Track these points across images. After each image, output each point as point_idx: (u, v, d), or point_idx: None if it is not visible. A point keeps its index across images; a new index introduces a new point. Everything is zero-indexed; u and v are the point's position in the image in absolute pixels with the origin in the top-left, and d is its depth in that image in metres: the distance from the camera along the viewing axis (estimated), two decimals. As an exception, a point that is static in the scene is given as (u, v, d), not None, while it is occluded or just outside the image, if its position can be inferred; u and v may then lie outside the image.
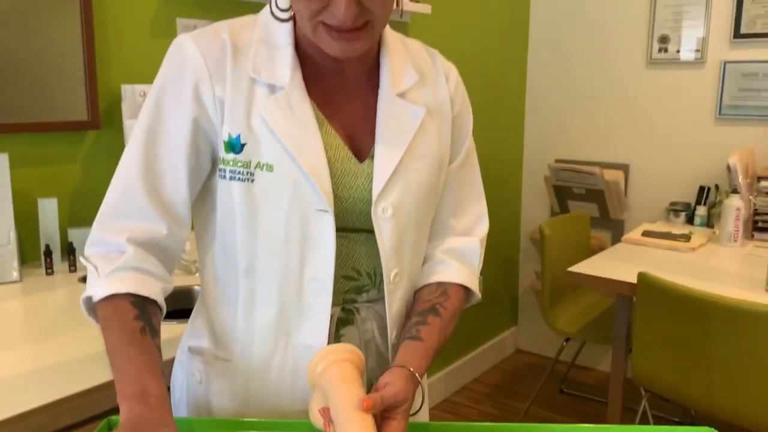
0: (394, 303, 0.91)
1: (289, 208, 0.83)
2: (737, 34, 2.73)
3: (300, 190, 0.82)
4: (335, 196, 0.85)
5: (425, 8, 2.45)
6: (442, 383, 3.05)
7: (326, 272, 0.85)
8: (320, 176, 0.83)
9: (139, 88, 1.68)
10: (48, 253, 1.50)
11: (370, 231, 0.88)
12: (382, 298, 0.91)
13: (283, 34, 0.86)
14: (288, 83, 0.84)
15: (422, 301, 0.93)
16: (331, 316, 0.88)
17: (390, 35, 0.93)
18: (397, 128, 0.88)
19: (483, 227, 1.02)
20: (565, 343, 2.73)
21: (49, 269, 1.51)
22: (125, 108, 1.66)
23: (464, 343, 3.22)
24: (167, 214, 0.84)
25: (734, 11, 2.72)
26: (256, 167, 0.83)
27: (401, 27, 2.54)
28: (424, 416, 0.97)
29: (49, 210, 1.54)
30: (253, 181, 0.83)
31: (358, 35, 0.79)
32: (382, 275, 0.89)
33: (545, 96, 3.32)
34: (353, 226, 0.88)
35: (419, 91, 0.92)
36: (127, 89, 1.67)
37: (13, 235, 1.44)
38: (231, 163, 0.84)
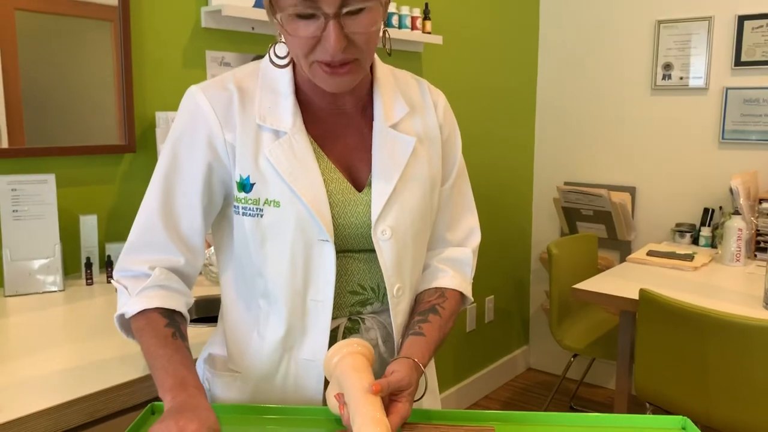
0: (398, 315, 1.00)
1: (294, 238, 0.93)
2: (738, 61, 2.84)
3: (304, 222, 0.93)
4: (338, 225, 0.95)
5: (437, 39, 2.59)
6: (455, 399, 3.13)
7: (326, 294, 0.95)
8: (321, 210, 0.93)
9: (172, 115, 1.82)
10: (88, 265, 1.64)
11: (373, 250, 0.98)
12: (386, 310, 1.01)
13: (284, 80, 0.96)
14: (290, 128, 0.94)
15: (423, 303, 1.04)
16: (338, 326, 0.98)
17: (381, 70, 1.02)
18: (391, 157, 0.98)
19: (475, 239, 1.12)
20: (572, 359, 2.81)
21: (89, 280, 1.65)
22: (159, 133, 1.80)
23: (476, 361, 3.30)
24: (184, 246, 0.96)
25: (734, 40, 2.84)
26: (264, 204, 0.93)
27: (415, 56, 2.68)
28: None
29: (89, 226, 1.68)
30: (262, 216, 0.93)
31: (348, 69, 0.88)
32: (385, 289, 0.99)
33: (554, 121, 3.44)
34: (357, 248, 0.98)
35: (410, 120, 1.02)
36: (160, 116, 1.82)
37: (58, 248, 1.58)
38: (243, 200, 0.94)
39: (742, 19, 2.81)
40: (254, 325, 0.99)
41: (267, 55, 0.98)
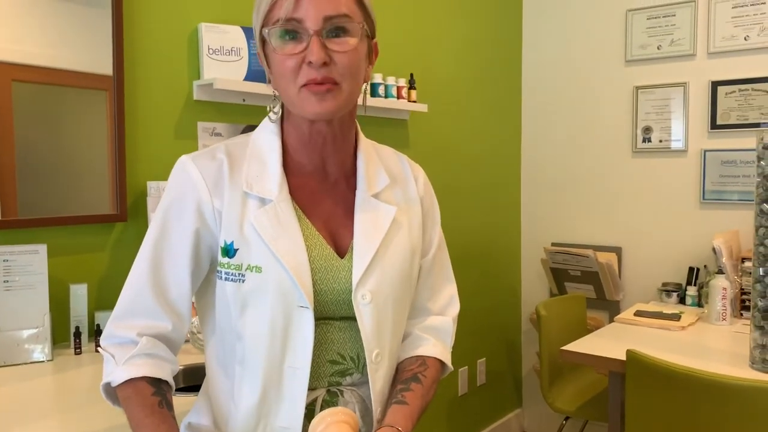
0: (377, 381, 1.01)
1: (274, 304, 0.95)
2: (714, 125, 2.94)
3: (284, 288, 0.95)
4: (319, 290, 0.97)
5: (422, 107, 2.68)
6: (448, 465, 3.08)
7: (304, 362, 0.96)
8: (302, 276, 0.95)
9: (163, 184, 1.87)
10: (77, 334, 1.64)
11: (353, 318, 1.00)
12: (365, 382, 1.02)
13: (272, 149, 1.02)
14: (276, 196, 0.98)
15: (405, 371, 1.06)
16: (316, 398, 0.99)
17: (364, 143, 1.09)
18: (373, 225, 1.02)
19: (455, 308, 1.15)
20: (564, 422, 2.79)
21: (78, 349, 1.65)
22: (150, 202, 1.84)
23: (469, 425, 3.26)
24: (172, 312, 0.99)
25: (710, 104, 2.94)
26: (246, 269, 0.96)
27: (401, 124, 2.77)
28: None
29: (79, 295, 1.70)
30: (243, 281, 0.96)
31: (329, 89, 0.93)
32: (365, 359, 1.00)
33: (539, 183, 3.51)
34: (338, 315, 1.00)
35: (391, 191, 1.07)
36: (152, 185, 1.86)
37: (47, 318, 1.59)
38: (226, 266, 0.97)
39: (715, 85, 2.92)
40: (233, 391, 1.00)
41: (258, 127, 1.03)
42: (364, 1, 0.98)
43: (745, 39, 2.85)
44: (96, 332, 1.70)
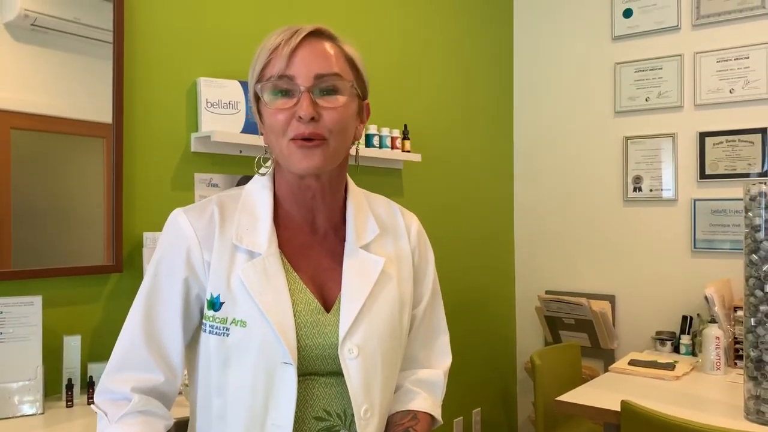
0: None
1: (257, 359, 0.95)
2: (702, 174, 2.99)
3: (268, 344, 0.95)
4: (304, 346, 0.97)
5: (416, 157, 2.72)
6: None
7: (287, 419, 0.95)
8: (286, 333, 0.96)
9: (159, 235, 1.88)
10: (69, 386, 1.63)
11: (339, 374, 0.99)
12: None
13: (264, 203, 1.04)
14: (265, 250, 1.00)
15: (396, 425, 1.05)
16: None
17: (354, 192, 1.10)
18: (361, 277, 1.03)
19: (447, 360, 1.16)
20: (561, 474, 2.75)
21: (70, 401, 1.63)
22: (146, 253, 1.85)
23: (465, 477, 3.21)
24: (164, 364, 0.99)
25: (698, 154, 3.00)
26: (231, 323, 0.97)
27: (396, 173, 2.80)
28: None
29: (73, 346, 1.69)
30: (228, 335, 0.97)
31: (317, 144, 0.96)
32: (352, 415, 0.99)
33: (533, 232, 3.54)
34: (324, 370, 0.99)
35: (381, 242, 1.08)
36: (148, 236, 1.88)
37: (40, 370, 1.58)
38: (211, 318, 0.98)
39: (703, 136, 2.98)
40: None
41: (251, 181, 1.05)
42: (356, 63, 1.03)
43: (730, 92, 2.93)
44: (89, 384, 1.69)
